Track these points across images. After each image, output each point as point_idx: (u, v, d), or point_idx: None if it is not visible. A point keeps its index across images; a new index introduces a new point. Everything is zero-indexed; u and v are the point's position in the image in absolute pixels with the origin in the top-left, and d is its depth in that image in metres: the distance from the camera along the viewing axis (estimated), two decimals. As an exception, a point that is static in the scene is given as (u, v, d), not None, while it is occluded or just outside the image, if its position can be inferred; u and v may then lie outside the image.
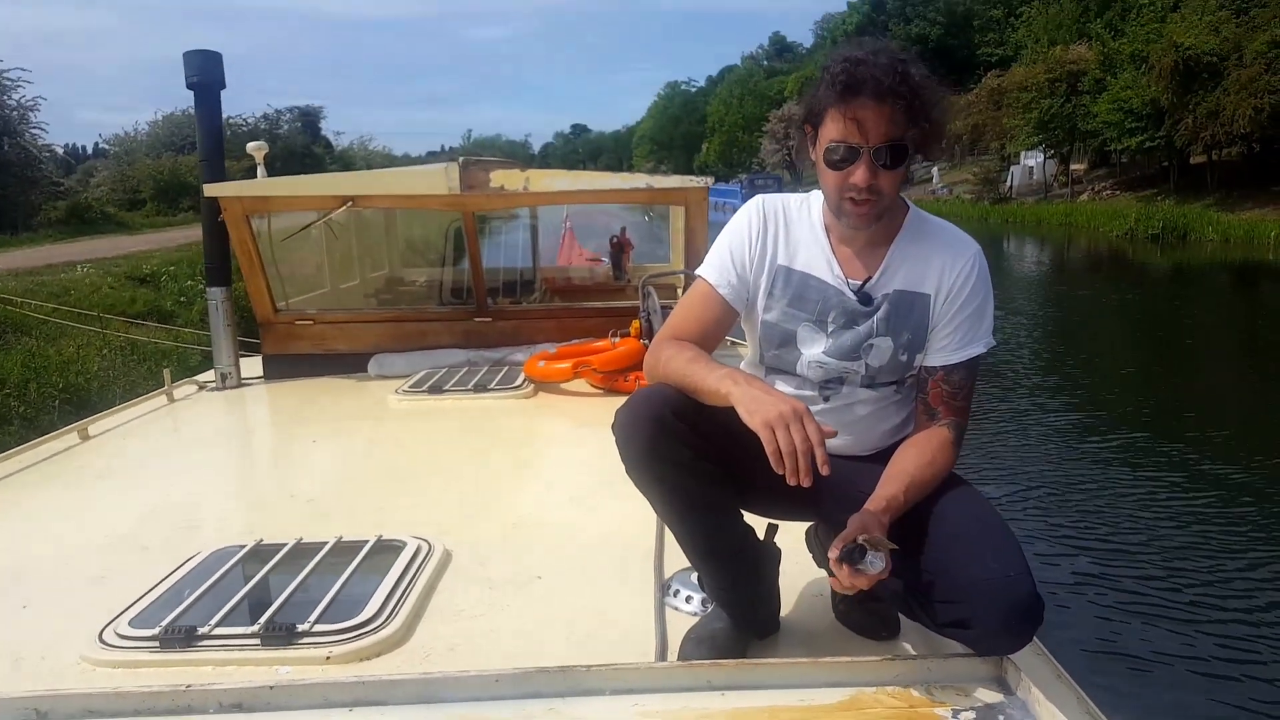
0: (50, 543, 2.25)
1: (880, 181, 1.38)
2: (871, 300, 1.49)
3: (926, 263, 1.49)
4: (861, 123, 1.34)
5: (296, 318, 4.13)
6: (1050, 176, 35.40)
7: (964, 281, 1.48)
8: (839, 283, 1.50)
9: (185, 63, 3.88)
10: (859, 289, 1.49)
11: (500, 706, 1.31)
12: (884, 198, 1.40)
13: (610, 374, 3.58)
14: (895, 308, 1.49)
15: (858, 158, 1.36)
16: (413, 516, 2.25)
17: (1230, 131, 23.76)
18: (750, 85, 76.00)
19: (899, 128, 1.35)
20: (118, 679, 1.51)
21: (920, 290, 1.49)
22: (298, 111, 45.87)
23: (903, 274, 1.49)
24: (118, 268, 13.39)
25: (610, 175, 4.22)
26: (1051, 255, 23.86)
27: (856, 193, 1.38)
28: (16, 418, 7.06)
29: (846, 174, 1.38)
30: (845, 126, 1.35)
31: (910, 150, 1.39)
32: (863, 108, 1.33)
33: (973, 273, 1.48)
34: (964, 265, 1.48)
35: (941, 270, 1.48)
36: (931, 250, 1.50)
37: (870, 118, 1.34)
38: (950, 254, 1.49)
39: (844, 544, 1.26)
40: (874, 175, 1.37)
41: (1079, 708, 1.33)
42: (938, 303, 1.49)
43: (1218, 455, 6.42)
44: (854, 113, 1.34)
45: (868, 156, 1.36)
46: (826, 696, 1.32)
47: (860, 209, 1.40)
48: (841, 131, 1.36)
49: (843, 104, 1.35)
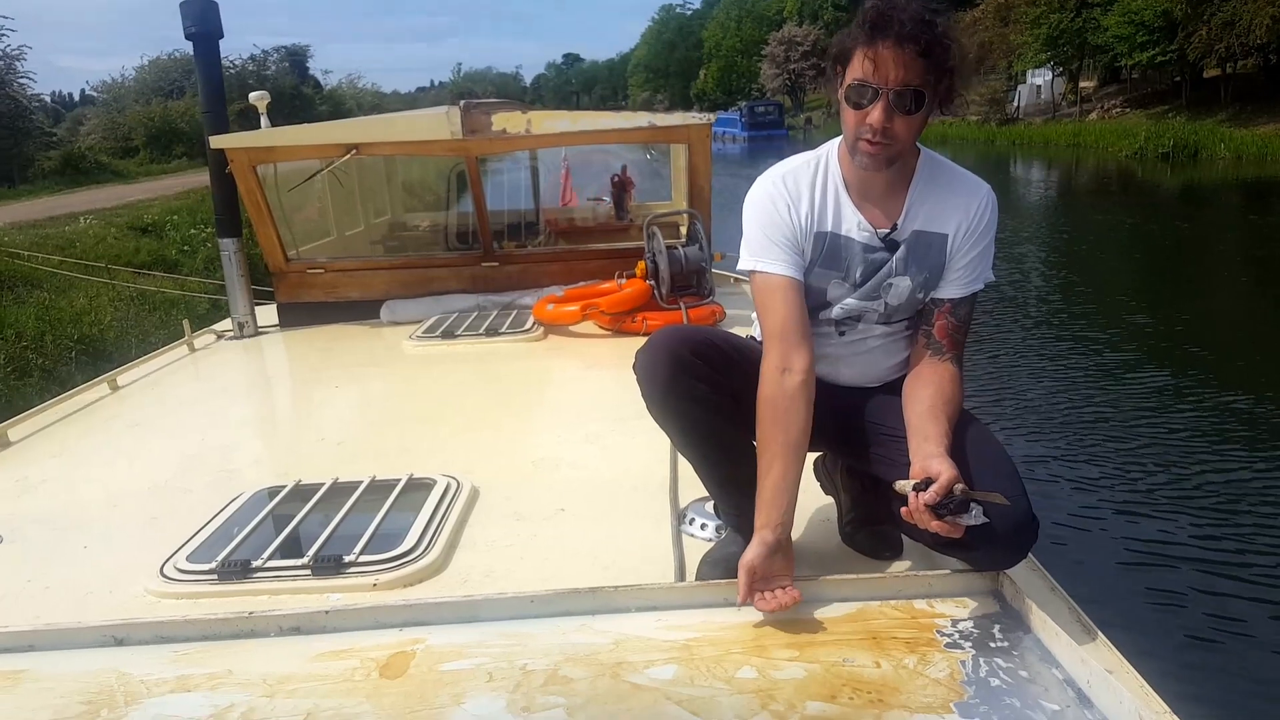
0: (98, 488, 2.39)
1: (895, 125, 1.42)
2: (897, 245, 1.56)
3: (944, 204, 1.56)
4: (882, 64, 1.39)
5: (308, 266, 4.19)
6: (1058, 95, 34.61)
7: (978, 221, 1.55)
8: (866, 235, 1.56)
9: (182, 13, 3.84)
10: (886, 235, 1.56)
11: (537, 624, 1.43)
12: (897, 142, 1.45)
13: (618, 315, 3.66)
14: (913, 248, 1.56)
15: (876, 98, 1.41)
16: (439, 456, 2.38)
17: (1246, 43, 23.14)
18: (748, 6, 73.42)
19: (918, 75, 1.39)
20: (183, 608, 1.64)
21: (939, 230, 1.56)
22: (284, 51, 44.73)
23: (923, 215, 1.56)
24: (119, 218, 13.35)
25: (612, 115, 4.21)
26: (1059, 177, 23.53)
27: (871, 133, 1.43)
28: (36, 369, 7.19)
29: (864, 114, 1.43)
30: (867, 66, 1.40)
31: (927, 97, 1.43)
32: (885, 49, 1.38)
33: (986, 211, 1.56)
34: (979, 205, 1.55)
35: (959, 211, 1.55)
36: (948, 191, 1.56)
37: (891, 60, 1.38)
38: (966, 195, 1.56)
39: (942, 493, 1.30)
40: (889, 118, 1.41)
41: (1070, 616, 1.44)
42: (954, 241, 1.56)
43: (1220, 380, 6.48)
44: (877, 54, 1.39)
45: (886, 98, 1.40)
46: (834, 611, 1.43)
47: (873, 149, 1.45)
48: (864, 71, 1.41)
49: (868, 44, 1.40)
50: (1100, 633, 1.37)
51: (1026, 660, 1.29)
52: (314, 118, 38.74)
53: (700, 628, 1.41)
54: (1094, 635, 1.37)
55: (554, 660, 1.33)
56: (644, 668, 1.30)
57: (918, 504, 1.33)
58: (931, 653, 1.31)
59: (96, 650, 1.44)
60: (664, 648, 1.35)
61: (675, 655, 1.33)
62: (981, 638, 1.35)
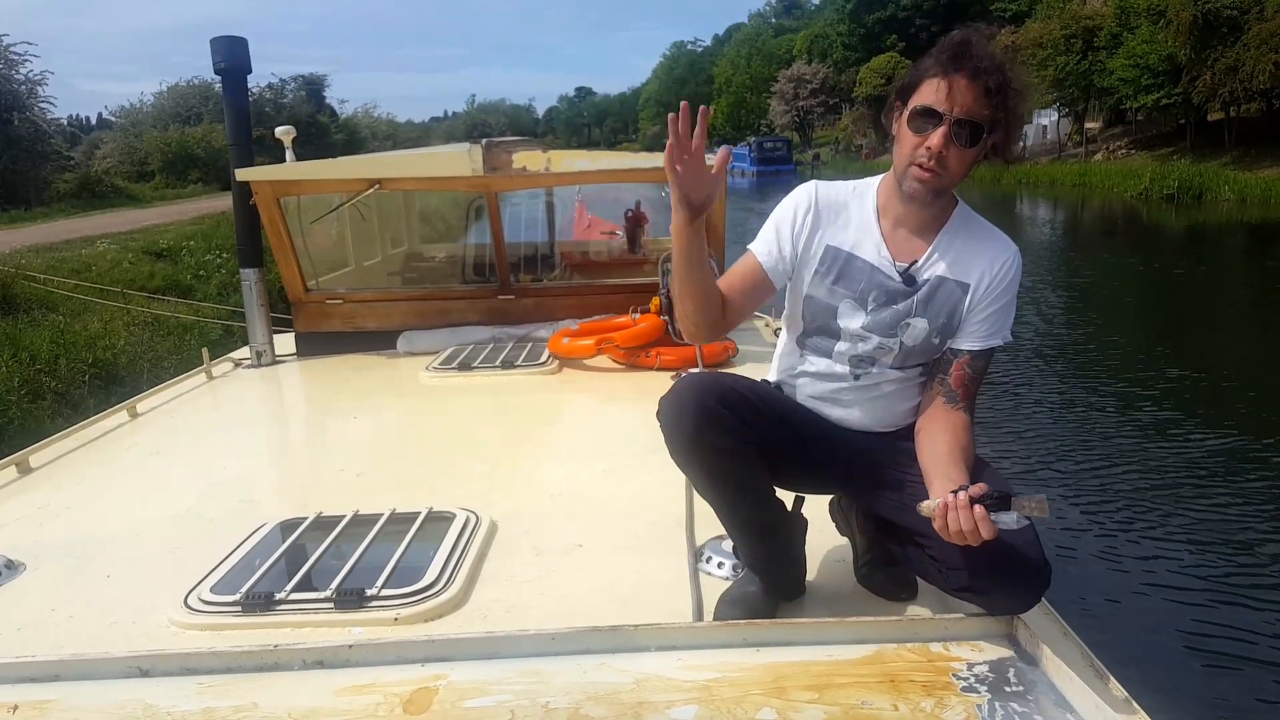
0: (120, 517, 2.41)
1: (950, 155, 1.47)
2: (915, 282, 1.60)
3: (972, 255, 1.60)
4: (953, 92, 1.44)
5: (327, 297, 4.25)
6: (1064, 136, 34.92)
7: (1002, 276, 1.60)
8: (885, 264, 1.60)
9: (212, 48, 3.96)
10: (905, 270, 1.60)
11: (557, 661, 1.45)
12: (948, 173, 1.49)
13: (632, 350, 3.70)
14: (935, 292, 1.60)
15: (940, 123, 1.46)
16: (457, 488, 2.40)
17: (1250, 88, 23.37)
18: (758, 44, 74.71)
19: (984, 110, 1.45)
20: (207, 640, 1.66)
21: (963, 280, 1.60)
22: (302, 80, 45.61)
23: (948, 262, 1.60)
24: (134, 242, 13.51)
25: (628, 155, 4.30)
26: (1065, 217, 23.65)
27: (928, 157, 1.48)
28: (49, 393, 7.25)
29: (924, 138, 1.48)
30: (940, 92, 1.46)
31: (985, 134, 1.48)
32: (959, 79, 1.44)
33: (1011, 268, 1.60)
34: (1005, 262, 1.60)
35: (985, 264, 1.60)
36: (977, 245, 1.61)
37: (962, 89, 1.44)
38: (993, 250, 1.61)
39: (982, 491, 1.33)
40: (947, 145, 1.46)
41: (1083, 662, 1.46)
42: (976, 293, 1.60)
43: (1229, 419, 6.49)
44: (951, 82, 1.45)
45: (949, 123, 1.45)
46: (852, 652, 1.45)
47: (926, 175, 1.49)
48: (934, 97, 1.46)
49: (943, 74, 1.46)
50: (1112, 677, 1.39)
51: (1041, 704, 1.31)
52: (330, 146, 38.90)
53: (720, 668, 1.42)
54: (1106, 680, 1.38)
55: (576, 699, 1.34)
56: (665, 708, 1.31)
57: (955, 501, 1.33)
58: (948, 696, 1.33)
59: (122, 681, 1.46)
60: (684, 688, 1.37)
61: (696, 695, 1.34)
62: (997, 682, 1.37)
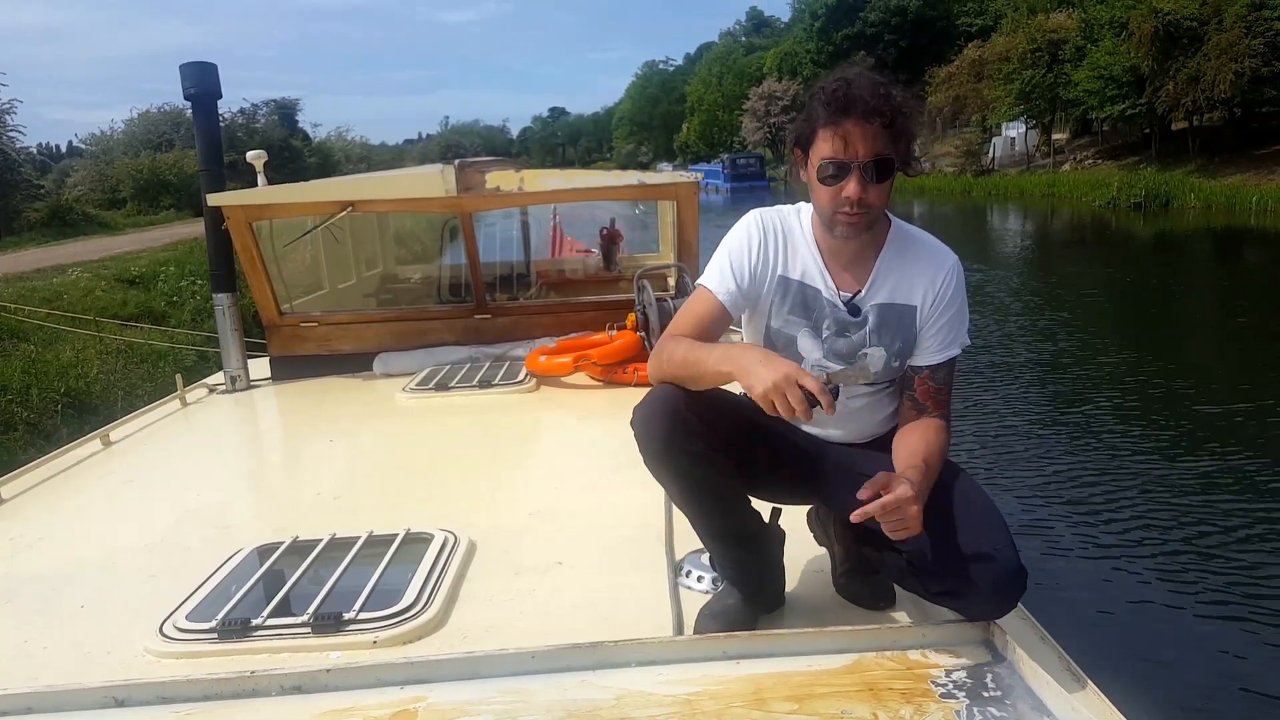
0: (94, 545, 2.38)
1: (869, 195, 1.51)
2: (860, 311, 1.63)
3: (911, 277, 1.63)
4: (850, 140, 1.47)
5: (301, 320, 4.23)
6: (1032, 147, 35.58)
7: (944, 290, 1.63)
8: (831, 294, 1.64)
9: (182, 74, 3.95)
10: (849, 301, 1.63)
11: (538, 680, 1.45)
12: (873, 209, 1.54)
13: (609, 366, 3.72)
14: (884, 320, 1.63)
15: (849, 173, 1.50)
16: (435, 510, 2.39)
17: (1211, 97, 23.91)
18: (729, 62, 75.52)
19: (885, 145, 1.49)
20: (183, 668, 1.64)
21: (907, 303, 1.63)
22: (274, 105, 45.48)
23: (889, 287, 1.63)
24: (106, 270, 13.35)
25: (603, 173, 4.33)
26: (1035, 227, 24.04)
27: (850, 205, 1.52)
28: (21, 423, 7.12)
29: (839, 189, 1.51)
30: (836, 144, 1.49)
31: (894, 164, 1.52)
32: (852, 126, 1.47)
33: (952, 282, 1.63)
34: (945, 276, 1.63)
35: (926, 283, 1.63)
36: (916, 265, 1.64)
37: (859, 135, 1.47)
38: (932, 267, 1.64)
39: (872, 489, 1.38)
40: (864, 189, 1.50)
41: (1060, 665, 1.48)
42: (923, 312, 1.63)
43: (1202, 425, 6.59)
44: (844, 132, 1.47)
45: (858, 171, 1.49)
46: (831, 662, 1.46)
47: (852, 219, 1.53)
48: (833, 149, 1.49)
49: (833, 124, 1.48)
50: (1089, 681, 1.40)
51: (1019, 709, 1.32)
52: (304, 170, 38.69)
53: (700, 681, 1.42)
54: (1083, 683, 1.40)
55: (557, 717, 1.34)
56: None
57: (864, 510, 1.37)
58: (927, 703, 1.34)
59: (98, 712, 1.44)
60: (666, 702, 1.37)
61: (677, 710, 1.35)
62: (975, 688, 1.38)
